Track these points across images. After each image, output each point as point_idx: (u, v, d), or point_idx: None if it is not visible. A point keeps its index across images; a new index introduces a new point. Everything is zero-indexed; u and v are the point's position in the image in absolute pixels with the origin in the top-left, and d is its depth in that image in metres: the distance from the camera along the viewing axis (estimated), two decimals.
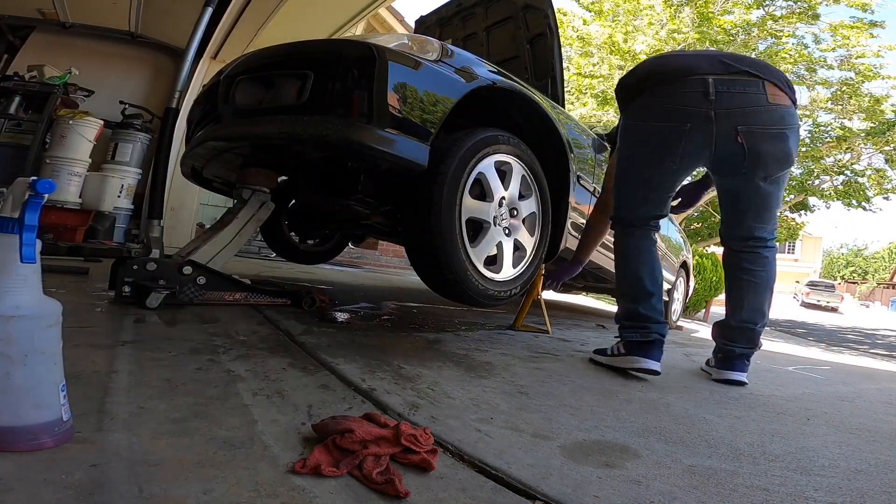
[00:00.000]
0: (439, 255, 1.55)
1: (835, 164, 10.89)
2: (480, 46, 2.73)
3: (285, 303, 1.96)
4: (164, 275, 1.67)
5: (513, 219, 1.81)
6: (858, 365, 3.49)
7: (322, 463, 0.70)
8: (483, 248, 1.69)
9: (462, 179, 1.59)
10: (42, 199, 0.67)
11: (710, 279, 7.64)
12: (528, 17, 2.47)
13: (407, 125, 1.47)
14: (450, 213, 1.55)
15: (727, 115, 1.54)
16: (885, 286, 34.22)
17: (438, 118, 1.52)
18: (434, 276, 1.64)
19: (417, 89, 1.50)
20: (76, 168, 3.73)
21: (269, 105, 1.63)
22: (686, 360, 2.28)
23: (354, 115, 1.43)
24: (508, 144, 1.76)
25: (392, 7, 5.35)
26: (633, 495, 0.76)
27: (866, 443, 1.21)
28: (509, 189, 1.78)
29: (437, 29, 3.01)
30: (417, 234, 1.61)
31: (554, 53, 2.36)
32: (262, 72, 1.73)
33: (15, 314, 0.64)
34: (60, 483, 0.59)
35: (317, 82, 1.49)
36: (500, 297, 1.75)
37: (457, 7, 2.85)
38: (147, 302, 1.58)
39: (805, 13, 9.74)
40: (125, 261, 1.64)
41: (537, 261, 1.93)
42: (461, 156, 1.58)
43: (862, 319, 16.77)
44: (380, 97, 1.43)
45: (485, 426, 0.97)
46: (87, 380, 0.92)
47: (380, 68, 1.43)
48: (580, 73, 10.78)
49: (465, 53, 1.74)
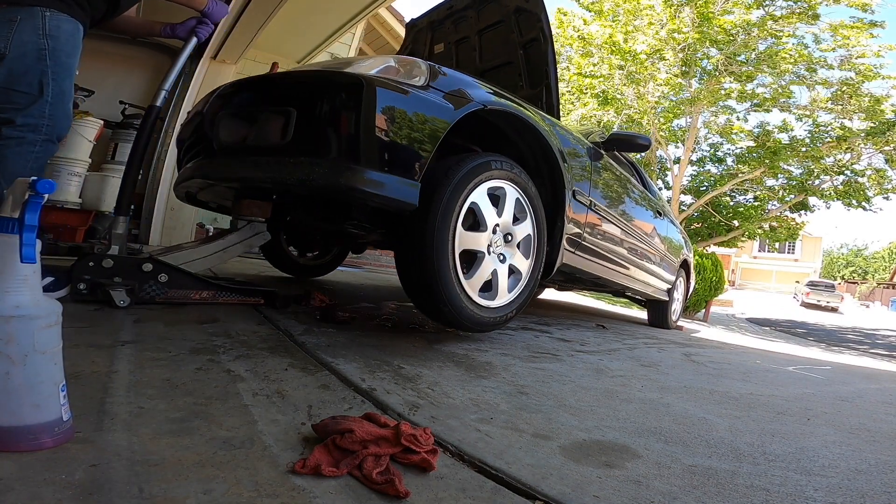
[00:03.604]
0: (433, 290, 1.52)
1: (835, 164, 10.89)
2: (473, 51, 2.67)
3: (258, 301, 1.90)
4: (122, 272, 1.61)
5: (507, 245, 1.75)
6: (858, 365, 3.49)
7: (322, 463, 0.70)
8: (478, 279, 1.64)
9: (454, 212, 1.53)
10: (42, 199, 0.67)
11: (710, 279, 7.65)
12: (521, 21, 2.38)
13: (396, 164, 1.41)
14: (443, 249, 1.50)
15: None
16: (885, 286, 34.20)
17: (428, 152, 1.46)
18: (429, 308, 1.61)
19: (406, 124, 1.43)
20: (76, 168, 3.73)
21: (254, 143, 1.57)
22: (686, 360, 2.28)
23: (342, 156, 1.37)
24: (501, 169, 1.68)
25: (392, 7, 5.35)
26: (633, 495, 0.76)
27: (866, 443, 1.21)
28: (503, 216, 1.71)
29: (429, 33, 2.92)
30: (410, 270, 1.57)
31: (548, 60, 2.27)
32: (244, 107, 1.68)
33: (15, 314, 0.64)
34: (60, 483, 0.59)
35: (301, 120, 1.44)
36: (496, 322, 1.73)
37: (448, 9, 2.75)
38: (116, 301, 1.52)
39: (805, 13, 9.74)
40: (83, 257, 1.59)
41: (533, 282, 1.87)
42: (452, 188, 1.52)
43: (862, 319, 16.76)
44: (367, 135, 1.36)
45: (485, 426, 0.97)
46: (86, 380, 0.92)
47: (366, 104, 1.36)
48: (580, 72, 10.78)
49: (454, 74, 1.66)
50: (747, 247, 29.97)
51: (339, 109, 1.39)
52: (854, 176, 11.01)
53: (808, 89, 10.65)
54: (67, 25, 1.52)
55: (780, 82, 10.41)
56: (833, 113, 10.63)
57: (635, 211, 2.92)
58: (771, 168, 10.91)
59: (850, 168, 10.97)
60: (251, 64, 4.88)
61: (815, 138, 10.78)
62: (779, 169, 11.01)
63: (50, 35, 1.47)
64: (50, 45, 1.47)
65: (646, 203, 3.18)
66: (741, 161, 11.47)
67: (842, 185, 11.09)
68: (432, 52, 2.91)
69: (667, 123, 11.50)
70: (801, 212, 11.91)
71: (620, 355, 2.10)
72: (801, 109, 10.84)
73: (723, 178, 11.69)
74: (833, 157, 10.82)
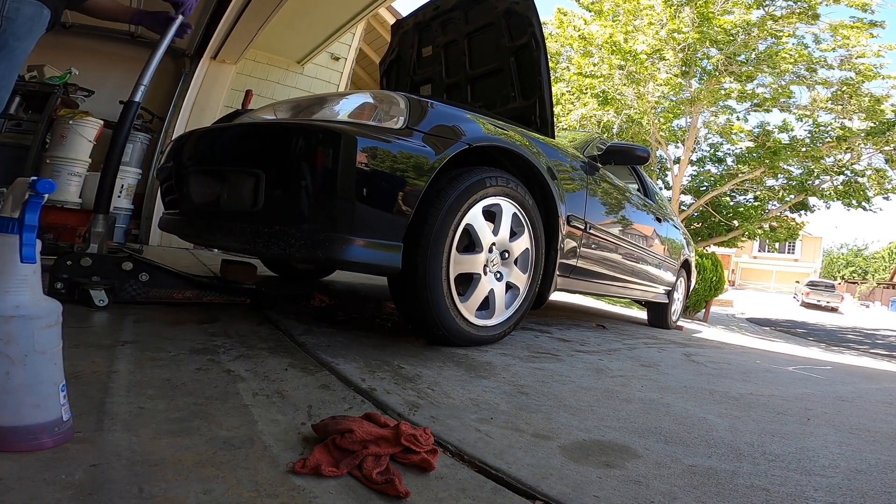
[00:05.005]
0: (427, 318, 1.50)
1: (835, 164, 10.88)
2: (462, 56, 2.54)
3: (243, 301, 1.89)
4: (101, 271, 1.57)
5: (504, 263, 1.71)
6: (859, 365, 3.49)
7: (322, 463, 0.70)
8: (474, 301, 1.61)
9: (447, 237, 1.47)
10: (42, 199, 0.67)
11: (710, 279, 7.64)
12: (511, 25, 2.23)
13: (376, 226, 1.33)
14: (436, 278, 1.45)
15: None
16: (885, 286, 34.20)
17: (412, 208, 1.38)
18: (424, 332, 1.60)
19: (386, 184, 1.33)
20: (76, 168, 3.74)
21: (227, 207, 1.50)
22: (686, 360, 2.28)
23: (318, 224, 1.29)
24: (496, 185, 1.61)
25: (392, 7, 5.34)
26: (633, 495, 0.76)
27: (866, 443, 1.21)
28: (500, 233, 1.66)
29: (416, 35, 2.76)
30: (402, 300, 1.54)
31: (541, 69, 2.12)
32: (213, 163, 1.62)
33: (15, 314, 0.64)
34: (60, 483, 0.59)
35: (271, 184, 1.35)
36: (494, 339, 1.72)
37: (434, 10, 2.58)
38: (95, 301, 1.50)
39: (805, 13, 9.73)
40: (61, 256, 1.57)
41: (531, 296, 1.84)
42: (445, 212, 1.46)
43: (862, 319, 16.76)
44: (344, 200, 1.28)
45: (485, 426, 0.97)
46: (87, 380, 0.92)
47: (344, 166, 1.25)
48: (581, 72, 10.78)
49: (439, 108, 1.55)
50: (747, 247, 29.94)
51: (312, 173, 1.29)
52: (854, 176, 11.00)
53: (808, 89, 10.64)
54: (28, 9, 1.47)
55: (780, 82, 10.40)
56: (833, 113, 10.62)
57: (633, 220, 2.85)
58: (771, 168, 10.90)
59: (850, 168, 10.96)
60: (251, 64, 4.88)
61: (815, 138, 10.77)
62: (779, 169, 11.00)
63: (7, 17, 1.42)
64: (3, 26, 1.42)
65: (645, 209, 3.14)
66: (741, 161, 11.47)
67: (842, 185, 11.08)
68: (420, 56, 2.79)
69: (667, 123, 11.49)
70: (801, 212, 11.89)
71: (620, 355, 2.10)
72: (801, 109, 10.83)
73: (723, 178, 11.68)
74: (833, 157, 10.81)
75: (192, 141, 1.77)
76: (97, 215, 1.67)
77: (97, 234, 1.64)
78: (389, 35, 3.06)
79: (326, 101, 1.58)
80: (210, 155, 1.69)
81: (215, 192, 1.56)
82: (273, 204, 1.37)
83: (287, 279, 2.93)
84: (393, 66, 2.97)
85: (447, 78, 2.69)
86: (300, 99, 1.76)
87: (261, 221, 1.39)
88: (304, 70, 5.24)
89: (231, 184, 1.50)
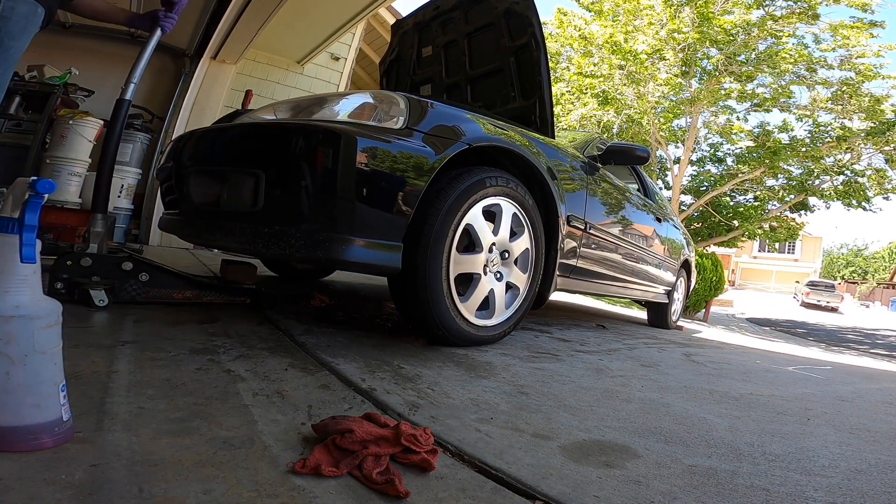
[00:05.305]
0: (426, 318, 1.50)
1: (835, 164, 10.88)
2: (462, 56, 2.54)
3: (243, 301, 1.89)
4: (101, 271, 1.58)
5: (504, 263, 1.71)
6: (859, 365, 3.49)
7: (322, 463, 0.70)
8: (474, 301, 1.61)
9: (447, 238, 1.47)
10: (42, 199, 0.67)
11: (710, 279, 7.64)
12: (511, 25, 2.23)
13: (376, 226, 1.33)
14: (435, 278, 1.46)
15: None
16: (885, 286, 34.19)
17: (412, 208, 1.39)
18: (424, 332, 1.61)
19: (386, 184, 1.33)
20: (76, 168, 3.73)
21: (227, 207, 1.50)
22: (686, 359, 2.28)
23: (318, 224, 1.30)
24: (497, 185, 1.61)
25: (392, 7, 5.34)
26: (633, 495, 0.76)
27: (866, 443, 1.21)
28: (500, 233, 1.66)
29: (416, 35, 2.76)
30: (403, 300, 1.55)
31: (541, 69, 2.12)
32: (213, 163, 1.62)
33: (15, 314, 0.64)
34: (60, 483, 0.59)
35: (271, 184, 1.36)
36: (494, 339, 1.72)
37: (434, 10, 2.59)
38: (95, 301, 1.50)
39: (805, 13, 9.73)
40: (60, 256, 1.57)
41: (531, 296, 1.84)
42: (445, 213, 1.46)
43: (862, 319, 16.76)
44: (344, 200, 1.28)
45: (485, 426, 0.97)
46: (87, 380, 0.92)
47: (344, 166, 1.26)
48: (581, 72, 10.78)
49: (439, 109, 1.55)
50: (747, 247, 29.95)
51: (312, 173, 1.29)
52: (854, 176, 11.00)
53: (808, 89, 10.64)
54: (23, 7, 1.46)
55: (780, 82, 10.40)
56: (833, 113, 10.62)
57: (633, 220, 2.85)
58: (771, 168, 10.90)
59: (850, 168, 10.96)
60: (251, 64, 4.88)
61: (815, 138, 10.77)
62: (779, 169, 11.00)
63: (2, 16, 1.42)
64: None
65: (645, 209, 3.14)
66: (741, 161, 11.46)
67: (842, 185, 11.08)
68: (420, 56, 2.80)
69: (667, 123, 11.49)
70: (801, 212, 11.89)
71: (620, 355, 2.10)
72: (801, 109, 10.82)
73: (723, 178, 11.68)
74: (833, 157, 10.81)
75: (192, 141, 1.77)
76: (95, 215, 1.67)
77: (96, 234, 1.64)
78: (389, 35, 3.06)
79: (326, 101, 1.58)
80: (210, 155, 1.69)
81: (215, 193, 1.56)
82: (273, 204, 1.37)
83: (287, 279, 2.92)
84: (393, 66, 2.97)
85: (447, 78, 2.69)
86: (300, 99, 1.76)
87: (261, 221, 1.39)
88: (304, 70, 5.24)
89: (231, 184, 1.50)
